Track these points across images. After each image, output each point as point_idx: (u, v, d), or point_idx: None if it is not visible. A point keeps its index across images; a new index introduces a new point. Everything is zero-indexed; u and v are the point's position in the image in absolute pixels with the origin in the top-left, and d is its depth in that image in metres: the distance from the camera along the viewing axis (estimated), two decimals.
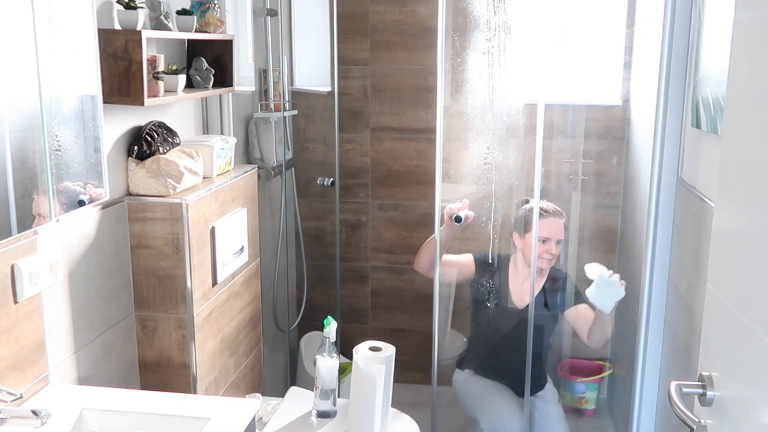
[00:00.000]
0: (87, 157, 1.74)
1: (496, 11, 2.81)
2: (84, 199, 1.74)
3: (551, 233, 2.74)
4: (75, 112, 1.68)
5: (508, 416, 2.73)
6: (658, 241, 2.28)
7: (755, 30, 1.09)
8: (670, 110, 2.20)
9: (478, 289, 2.90)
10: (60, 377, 1.80)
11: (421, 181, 3.50)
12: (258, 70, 3.08)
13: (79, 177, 1.72)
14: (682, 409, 1.19)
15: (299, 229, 3.46)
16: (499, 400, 2.80)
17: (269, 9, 3.04)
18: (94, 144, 1.76)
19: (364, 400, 2.00)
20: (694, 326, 1.99)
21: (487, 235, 2.94)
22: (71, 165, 1.68)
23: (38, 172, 1.56)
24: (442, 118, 2.61)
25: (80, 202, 1.72)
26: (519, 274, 2.84)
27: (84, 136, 1.72)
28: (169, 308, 2.11)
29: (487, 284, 2.87)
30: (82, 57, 1.71)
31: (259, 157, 3.06)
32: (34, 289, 1.66)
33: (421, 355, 3.25)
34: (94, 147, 1.77)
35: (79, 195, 1.72)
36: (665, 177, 2.24)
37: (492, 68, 2.90)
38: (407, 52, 3.38)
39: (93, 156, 1.77)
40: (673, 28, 2.15)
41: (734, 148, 1.18)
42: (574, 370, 3.43)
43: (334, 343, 2.19)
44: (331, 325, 2.16)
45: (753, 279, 1.06)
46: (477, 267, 2.86)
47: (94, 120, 1.76)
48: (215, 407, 1.69)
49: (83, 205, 1.74)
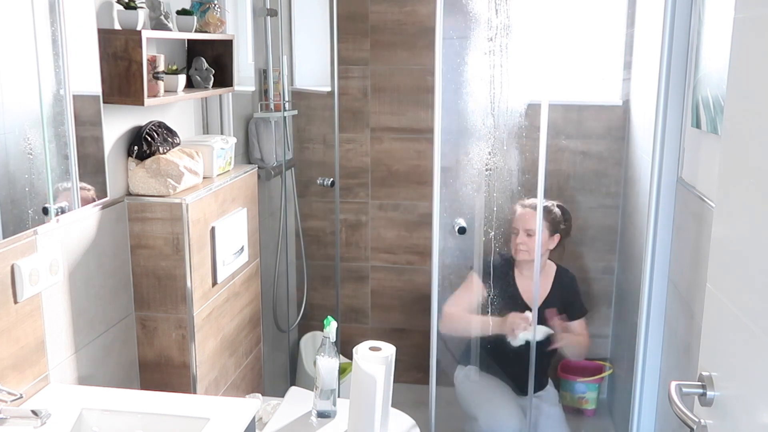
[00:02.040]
0: (87, 157, 1.74)
1: (498, 11, 2.81)
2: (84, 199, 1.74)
3: (518, 222, 2.81)
4: (75, 112, 1.68)
5: (507, 415, 2.74)
6: (658, 241, 2.28)
7: (755, 30, 1.09)
8: (670, 110, 2.20)
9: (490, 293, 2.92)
10: (60, 377, 1.80)
11: (421, 181, 3.50)
12: (258, 70, 3.08)
13: (79, 177, 1.72)
14: (682, 409, 1.19)
15: (299, 229, 3.46)
16: (498, 398, 2.80)
17: (269, 9, 3.03)
18: (94, 144, 1.76)
19: (364, 400, 2.00)
20: (694, 326, 1.99)
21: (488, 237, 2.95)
22: (71, 164, 1.68)
23: (38, 172, 1.56)
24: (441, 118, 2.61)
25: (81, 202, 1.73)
26: (523, 274, 2.87)
27: (84, 135, 1.72)
28: (169, 308, 2.11)
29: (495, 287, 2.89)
30: (82, 57, 1.71)
31: (259, 157, 3.06)
32: (34, 289, 1.66)
33: (421, 355, 3.24)
34: (94, 147, 1.77)
35: (79, 195, 1.72)
36: (665, 177, 2.24)
37: (493, 68, 2.90)
38: (407, 52, 3.38)
39: (93, 156, 1.77)
40: (673, 28, 2.15)
41: (734, 148, 1.18)
42: (574, 370, 3.42)
43: (334, 343, 2.19)
44: (331, 325, 2.16)
45: (753, 279, 1.06)
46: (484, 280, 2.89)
47: (95, 120, 1.76)
48: (215, 407, 1.69)
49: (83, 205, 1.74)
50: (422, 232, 3.54)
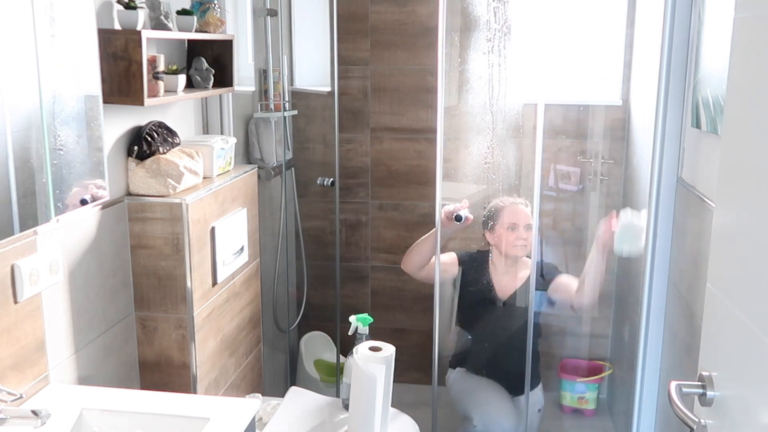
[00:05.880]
0: (87, 157, 1.74)
1: (496, 11, 2.81)
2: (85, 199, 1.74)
3: (518, 218, 2.79)
4: (75, 112, 1.68)
5: (501, 413, 2.73)
6: (658, 241, 2.28)
7: (755, 30, 1.09)
8: (670, 110, 2.20)
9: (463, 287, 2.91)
10: (60, 377, 1.80)
11: (421, 181, 3.50)
12: (258, 70, 3.08)
13: (80, 177, 1.72)
14: (682, 409, 1.19)
15: (299, 229, 3.46)
16: (491, 397, 2.80)
17: (269, 9, 3.03)
18: (94, 144, 1.76)
19: (364, 400, 2.00)
20: (694, 326, 1.99)
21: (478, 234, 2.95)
22: (71, 165, 1.68)
23: (38, 172, 1.56)
24: (443, 118, 2.61)
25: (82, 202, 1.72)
26: (497, 269, 2.87)
27: (84, 136, 1.72)
28: (169, 308, 2.11)
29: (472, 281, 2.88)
30: (82, 57, 1.71)
31: (259, 157, 3.06)
32: (34, 289, 1.66)
33: (421, 355, 3.25)
34: (94, 147, 1.76)
35: (79, 195, 1.72)
36: (665, 177, 2.24)
37: (492, 68, 2.91)
38: (407, 52, 3.38)
39: (93, 156, 1.76)
40: (673, 28, 2.15)
41: (734, 148, 1.18)
42: (574, 370, 3.43)
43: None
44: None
45: (753, 279, 1.06)
46: (461, 265, 2.88)
47: (95, 120, 1.76)
48: (215, 407, 1.69)
49: (84, 205, 1.74)
50: (422, 232, 3.51)
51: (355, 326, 2.29)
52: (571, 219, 3.40)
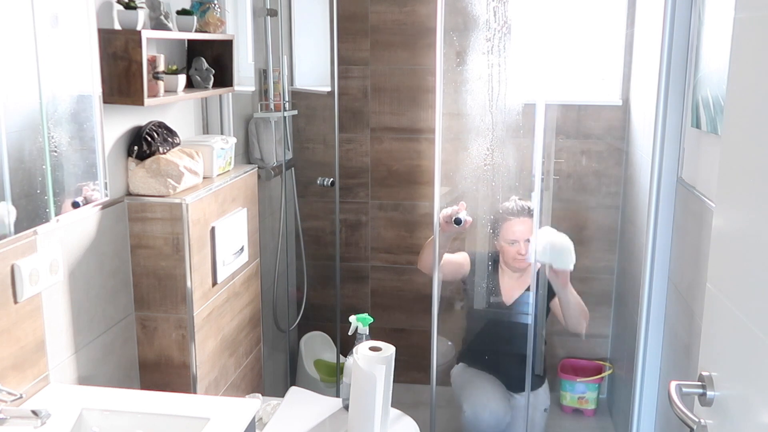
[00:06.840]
0: (87, 157, 1.74)
1: (496, 11, 2.81)
2: (83, 199, 1.74)
3: (516, 234, 2.78)
4: (75, 112, 1.68)
5: (490, 399, 2.74)
6: (658, 241, 2.28)
7: (755, 30, 1.09)
8: (670, 110, 2.20)
9: (471, 287, 2.92)
10: (60, 377, 1.79)
11: (421, 181, 3.50)
12: (258, 70, 3.08)
13: (79, 177, 1.72)
14: (682, 409, 1.19)
15: (299, 229, 3.46)
16: (484, 386, 2.81)
17: (269, 9, 3.03)
18: (94, 144, 1.76)
19: (364, 400, 2.00)
20: (694, 326, 1.99)
21: (486, 235, 2.95)
22: (71, 165, 1.68)
23: (38, 171, 1.56)
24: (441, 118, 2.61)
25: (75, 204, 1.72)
26: (505, 274, 2.90)
27: (84, 136, 1.72)
28: (169, 308, 2.11)
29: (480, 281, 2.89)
30: (82, 57, 1.71)
31: (259, 157, 3.06)
32: (34, 289, 1.66)
33: (421, 355, 3.25)
34: (94, 147, 1.76)
35: (79, 195, 1.72)
36: (665, 177, 2.24)
37: (492, 68, 2.90)
38: (407, 52, 3.38)
39: (93, 156, 1.76)
40: (673, 28, 2.15)
41: (734, 148, 1.18)
42: (574, 370, 3.43)
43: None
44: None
45: (753, 279, 1.06)
46: (472, 265, 2.89)
47: (94, 120, 1.76)
48: (215, 407, 1.69)
49: (83, 205, 1.74)
50: (422, 232, 3.53)
51: (355, 326, 2.29)
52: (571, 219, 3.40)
